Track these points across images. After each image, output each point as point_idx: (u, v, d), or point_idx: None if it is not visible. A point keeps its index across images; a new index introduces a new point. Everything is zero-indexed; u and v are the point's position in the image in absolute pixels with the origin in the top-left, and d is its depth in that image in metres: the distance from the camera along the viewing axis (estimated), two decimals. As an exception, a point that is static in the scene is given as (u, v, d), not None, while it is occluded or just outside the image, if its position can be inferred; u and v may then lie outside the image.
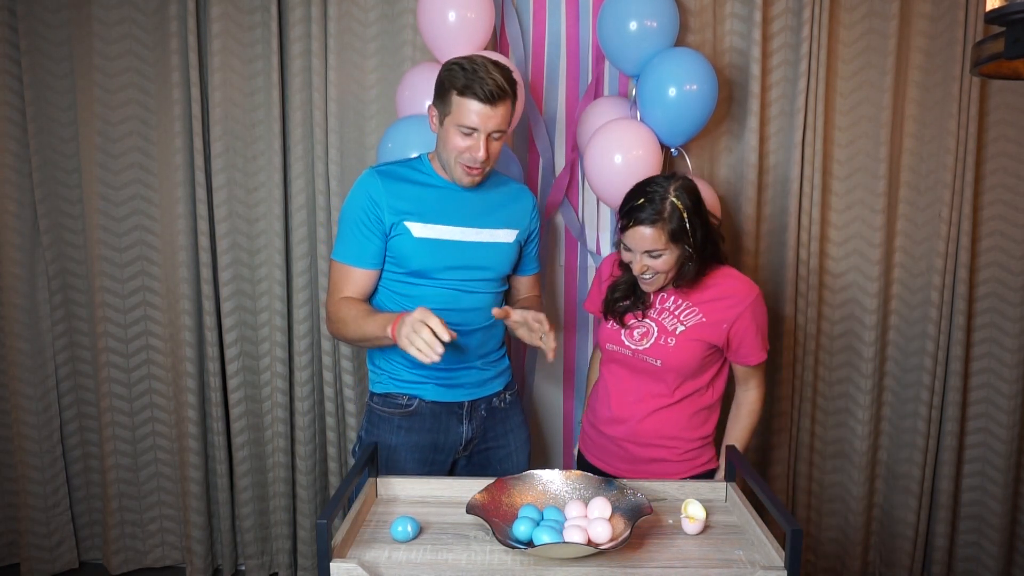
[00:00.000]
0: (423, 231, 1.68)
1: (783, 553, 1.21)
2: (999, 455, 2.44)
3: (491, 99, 1.58)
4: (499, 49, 2.32)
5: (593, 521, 1.29)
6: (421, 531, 1.36)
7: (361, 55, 2.34)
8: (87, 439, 2.61)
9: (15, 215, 2.44)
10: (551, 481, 1.45)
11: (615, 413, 1.74)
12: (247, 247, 2.46)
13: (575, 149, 2.32)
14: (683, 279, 1.65)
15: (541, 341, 1.61)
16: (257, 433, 2.55)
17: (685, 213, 1.57)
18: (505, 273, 1.82)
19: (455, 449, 1.80)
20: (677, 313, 1.68)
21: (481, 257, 1.74)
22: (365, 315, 1.65)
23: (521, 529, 1.28)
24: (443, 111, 1.64)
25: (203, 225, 2.40)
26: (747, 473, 1.40)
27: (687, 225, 1.57)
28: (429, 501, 1.50)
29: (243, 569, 2.65)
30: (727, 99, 2.32)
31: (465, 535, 1.36)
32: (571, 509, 1.35)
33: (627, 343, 1.71)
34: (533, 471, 1.46)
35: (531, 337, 1.63)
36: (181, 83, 2.34)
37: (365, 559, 1.25)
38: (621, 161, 1.98)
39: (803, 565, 2.55)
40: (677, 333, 1.66)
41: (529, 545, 1.26)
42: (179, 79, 2.34)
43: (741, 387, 1.77)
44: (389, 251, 1.70)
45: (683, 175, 1.66)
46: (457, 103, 1.60)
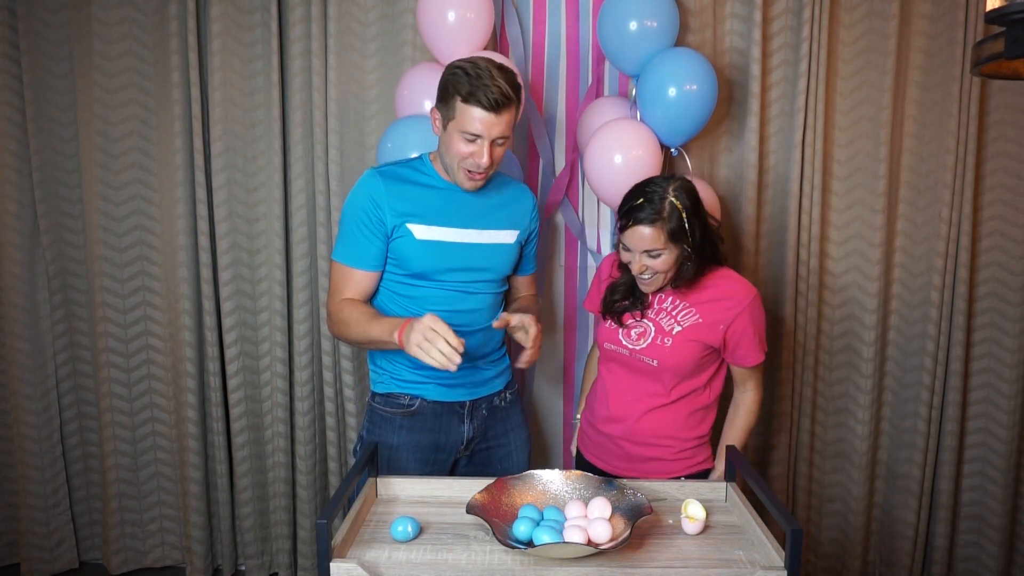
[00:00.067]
0: (425, 233, 1.67)
1: (783, 553, 1.21)
2: (999, 455, 2.44)
3: (495, 107, 1.56)
4: (499, 49, 2.32)
5: (593, 521, 1.29)
6: (421, 531, 1.36)
7: (361, 55, 2.34)
8: (87, 439, 2.61)
9: (15, 215, 2.44)
10: (551, 481, 1.45)
11: (612, 412, 1.75)
12: (247, 247, 2.46)
13: (575, 149, 2.32)
14: (681, 279, 1.65)
15: (527, 345, 1.63)
16: (257, 433, 2.55)
17: (684, 213, 1.58)
18: (506, 274, 1.82)
19: (456, 448, 1.80)
20: (674, 314, 1.69)
21: (483, 258, 1.74)
22: (369, 318, 1.65)
23: (521, 529, 1.28)
24: (446, 115, 1.62)
25: (203, 225, 2.40)
26: (747, 473, 1.40)
27: (686, 225, 1.58)
28: (429, 501, 1.50)
29: (243, 569, 2.65)
30: (727, 99, 2.32)
31: (465, 535, 1.36)
32: (571, 509, 1.35)
33: (625, 343, 1.72)
34: (533, 471, 1.46)
35: (527, 340, 1.63)
36: (181, 83, 2.34)
37: (365, 559, 1.25)
38: (621, 161, 1.98)
39: (803, 565, 2.55)
40: (674, 333, 1.67)
41: (529, 545, 1.26)
42: (179, 79, 2.34)
43: (739, 388, 1.77)
44: (391, 253, 1.70)
45: (682, 176, 1.67)
46: (461, 110, 1.58)
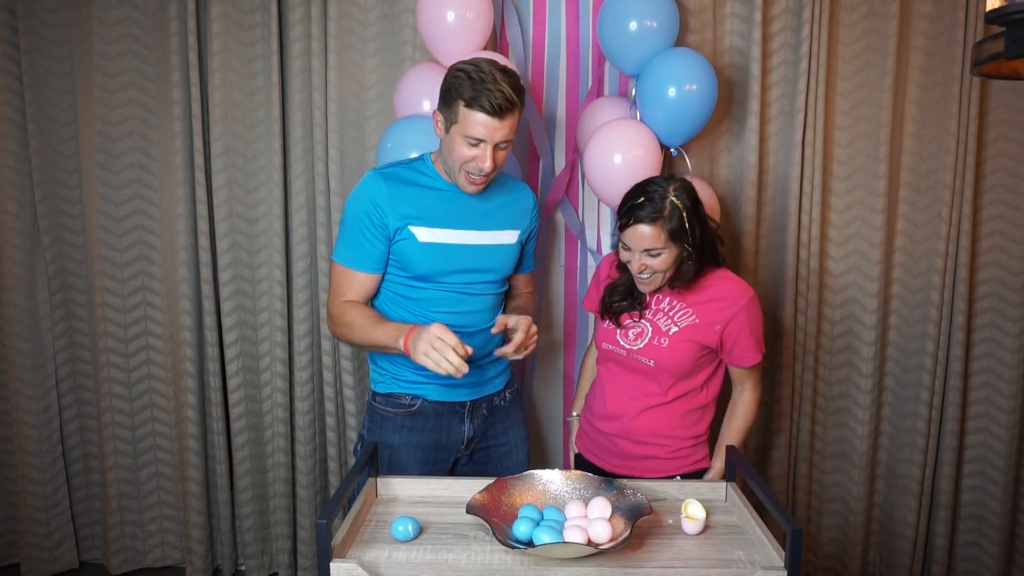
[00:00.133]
0: (428, 235, 1.67)
1: (783, 553, 1.21)
2: (999, 455, 2.44)
3: (499, 112, 1.55)
4: (499, 49, 2.32)
5: (593, 521, 1.29)
6: (421, 531, 1.36)
7: (361, 55, 2.34)
8: (87, 439, 2.61)
9: (15, 215, 2.44)
10: (551, 481, 1.45)
11: (610, 410, 1.77)
12: (247, 247, 2.46)
13: (575, 149, 2.31)
14: (680, 280, 1.65)
15: (517, 345, 1.61)
16: (257, 433, 2.55)
17: (685, 213, 1.58)
18: (507, 274, 1.82)
19: (457, 448, 1.81)
20: (672, 314, 1.69)
21: (485, 259, 1.74)
22: (373, 321, 1.65)
23: (521, 529, 1.28)
24: (449, 119, 1.61)
25: (203, 225, 2.40)
26: (747, 473, 1.40)
27: (686, 225, 1.58)
28: (429, 501, 1.50)
29: (243, 569, 2.65)
30: (727, 99, 2.32)
31: (465, 535, 1.36)
32: (571, 509, 1.35)
33: (622, 343, 1.73)
34: (533, 471, 1.46)
35: (520, 335, 1.63)
36: (181, 83, 2.34)
37: (365, 559, 1.25)
38: (621, 161, 1.98)
39: (803, 565, 2.55)
40: (671, 334, 1.67)
41: (529, 545, 1.26)
42: (179, 79, 2.34)
43: (736, 388, 1.78)
44: (393, 255, 1.69)
45: (681, 176, 1.67)
46: (464, 114, 1.57)
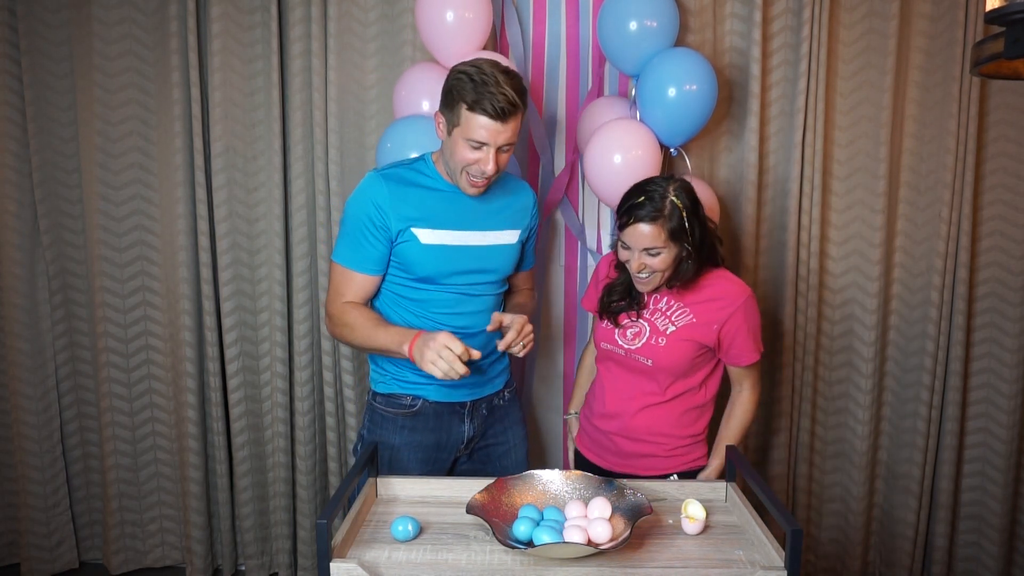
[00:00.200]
0: (431, 237, 1.66)
1: (783, 553, 1.21)
2: (999, 455, 2.44)
3: (502, 115, 1.54)
4: (499, 49, 2.32)
5: (593, 521, 1.29)
6: (421, 531, 1.36)
7: (361, 55, 2.34)
8: (87, 439, 2.61)
9: (15, 215, 2.44)
10: (551, 481, 1.45)
11: (609, 409, 1.78)
12: (247, 247, 2.46)
13: (575, 150, 2.31)
14: (679, 279, 1.66)
15: (508, 343, 1.61)
16: (257, 433, 2.55)
17: (684, 212, 1.59)
18: (508, 274, 1.82)
19: (457, 447, 1.81)
20: (669, 314, 1.70)
21: (486, 260, 1.74)
22: (375, 324, 1.65)
23: (521, 529, 1.29)
24: (451, 121, 1.60)
25: (203, 225, 2.40)
26: (747, 473, 1.40)
27: (686, 224, 1.59)
28: (429, 501, 1.50)
29: (243, 569, 2.65)
30: (727, 99, 2.32)
31: (465, 535, 1.36)
32: (571, 509, 1.35)
33: (620, 342, 1.74)
34: (533, 471, 1.46)
35: (513, 334, 1.63)
36: (181, 83, 2.34)
37: (365, 559, 1.25)
38: (620, 161, 1.98)
39: (803, 565, 2.55)
40: (668, 333, 1.68)
41: (529, 545, 1.27)
42: (179, 79, 2.34)
43: (735, 388, 1.79)
44: (396, 257, 1.69)
45: (681, 176, 1.68)
46: (466, 117, 1.56)
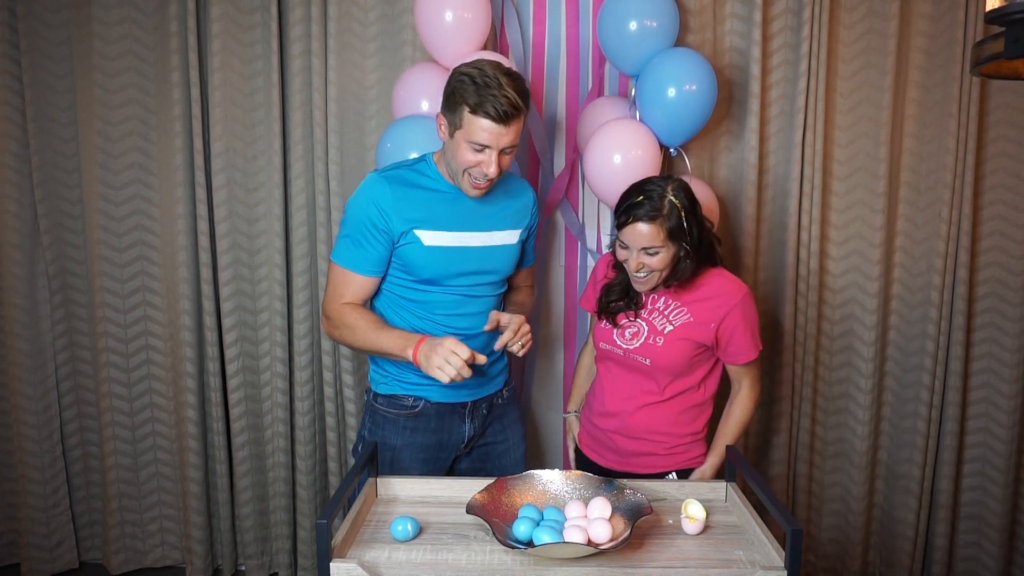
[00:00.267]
0: (434, 239, 1.66)
1: (783, 553, 1.21)
2: (999, 455, 2.44)
3: (504, 119, 1.53)
4: (499, 50, 2.32)
5: (593, 521, 1.29)
6: (421, 531, 1.36)
7: (361, 55, 2.34)
8: (87, 439, 2.61)
9: (15, 215, 2.44)
10: (551, 481, 1.45)
11: (608, 408, 1.79)
12: (247, 247, 2.46)
13: (575, 150, 2.31)
14: (677, 279, 1.67)
15: (504, 342, 1.63)
16: (257, 433, 2.55)
17: (683, 212, 1.60)
18: (509, 274, 1.82)
19: (458, 447, 1.81)
20: (667, 313, 1.71)
21: (488, 261, 1.74)
22: (376, 327, 1.65)
23: (521, 529, 1.29)
24: (453, 123, 1.59)
25: (203, 225, 2.40)
26: (747, 473, 1.40)
27: (684, 224, 1.60)
28: (429, 501, 1.50)
29: (243, 569, 2.65)
30: (727, 99, 2.31)
31: (465, 535, 1.36)
32: (571, 509, 1.35)
33: (619, 342, 1.75)
34: (533, 471, 1.46)
35: (510, 334, 1.64)
36: (181, 83, 2.34)
37: (365, 559, 1.25)
38: (620, 161, 1.98)
39: (803, 565, 2.55)
40: (665, 333, 1.69)
41: (529, 545, 1.27)
42: (179, 79, 2.34)
43: (734, 386, 1.80)
44: (398, 259, 1.68)
45: (678, 176, 1.68)
46: (468, 120, 1.55)
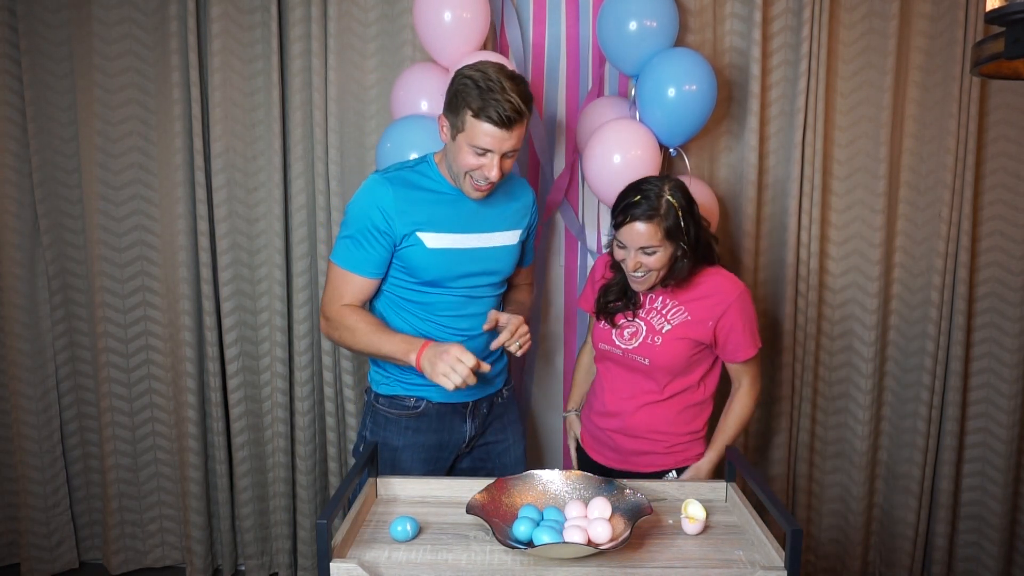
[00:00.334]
0: (436, 241, 1.66)
1: (783, 553, 1.21)
2: (999, 455, 2.44)
3: (507, 123, 1.53)
4: (498, 50, 2.32)
5: (593, 521, 1.29)
6: (421, 531, 1.36)
7: (361, 55, 2.34)
8: (87, 439, 2.61)
9: (15, 215, 2.44)
10: (551, 481, 1.45)
11: (608, 408, 1.80)
12: (247, 247, 2.46)
13: (575, 150, 2.31)
14: (674, 278, 1.67)
15: (501, 342, 1.65)
16: (257, 433, 2.55)
17: (680, 211, 1.61)
18: (510, 274, 1.83)
19: (459, 447, 1.82)
20: (665, 313, 1.72)
21: (489, 262, 1.74)
22: (378, 330, 1.64)
23: (521, 529, 1.29)
24: (455, 126, 1.58)
25: (203, 225, 2.40)
26: (747, 473, 1.40)
27: (681, 223, 1.61)
28: (429, 501, 1.50)
29: (243, 569, 2.65)
30: (727, 99, 2.31)
31: (465, 535, 1.36)
32: (571, 509, 1.35)
33: (618, 343, 1.75)
34: (533, 471, 1.46)
35: (507, 334, 1.65)
36: (181, 83, 2.34)
37: (365, 559, 1.25)
38: (620, 161, 1.98)
39: (803, 565, 2.55)
40: (664, 332, 1.70)
41: (529, 545, 1.27)
42: (179, 79, 2.34)
43: (734, 384, 1.80)
44: (400, 261, 1.68)
45: (675, 176, 1.69)
46: (471, 124, 1.54)
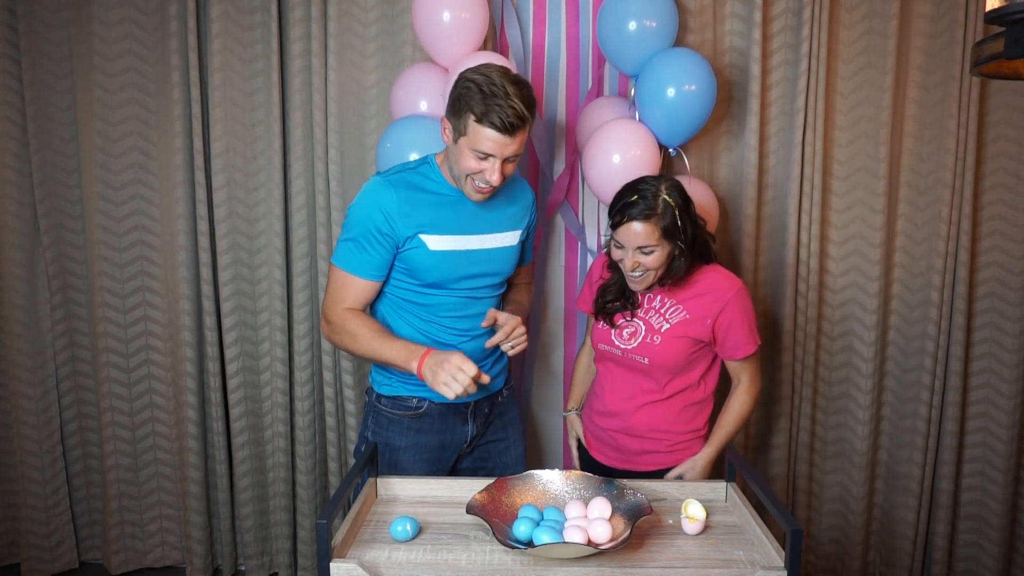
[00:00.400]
0: (439, 243, 1.66)
1: (783, 553, 1.21)
2: (999, 455, 2.44)
3: (510, 129, 1.52)
4: (498, 50, 2.32)
5: (593, 521, 1.29)
6: (421, 531, 1.36)
7: (361, 55, 2.34)
8: (87, 439, 2.61)
9: (15, 215, 2.44)
10: (551, 481, 1.45)
11: (609, 408, 1.80)
12: (247, 247, 2.46)
13: (575, 151, 2.31)
14: (671, 277, 1.68)
15: (496, 341, 1.65)
16: (257, 433, 2.55)
17: (677, 210, 1.62)
18: (510, 274, 1.83)
19: (460, 447, 1.82)
20: (663, 312, 1.72)
21: (491, 263, 1.74)
22: (379, 336, 1.64)
23: (521, 529, 1.29)
24: (457, 129, 1.58)
25: (203, 225, 2.40)
26: (747, 473, 1.40)
27: (678, 222, 1.62)
28: (429, 501, 1.50)
29: (243, 569, 2.65)
30: (727, 99, 2.31)
31: (465, 535, 1.36)
32: (571, 509, 1.35)
33: (617, 343, 1.75)
34: (533, 471, 1.46)
35: (502, 335, 1.66)
36: (181, 83, 2.34)
37: (365, 559, 1.25)
38: (619, 161, 1.98)
39: (803, 565, 2.55)
40: (663, 331, 1.70)
41: (529, 545, 1.27)
42: (179, 79, 2.34)
43: (734, 382, 1.81)
44: (403, 263, 1.68)
45: (671, 176, 1.69)
46: (474, 128, 1.54)
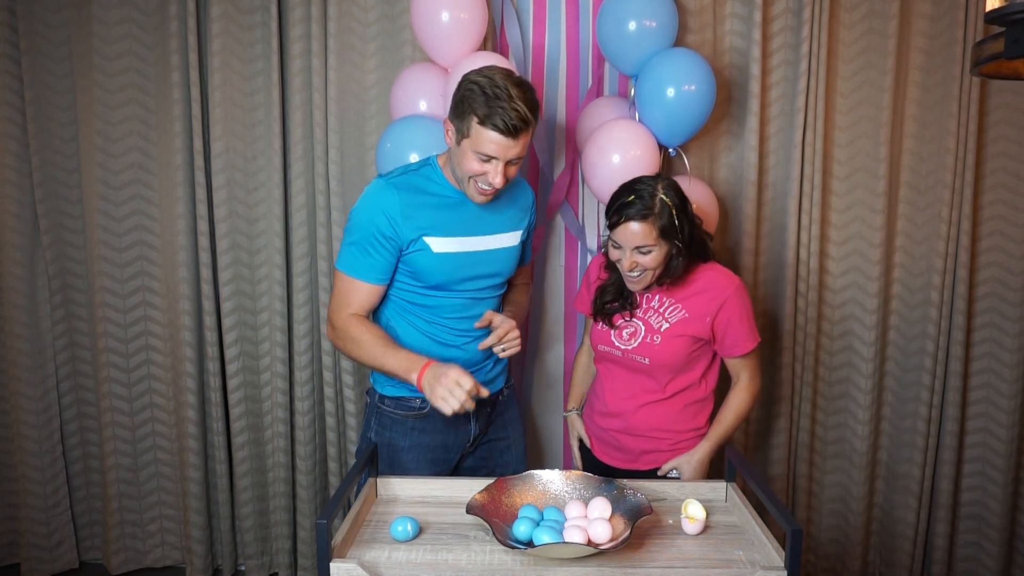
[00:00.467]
0: (442, 246, 1.66)
1: (783, 553, 1.21)
2: (999, 455, 2.44)
3: (513, 132, 1.53)
4: (498, 50, 2.32)
5: (593, 521, 1.29)
6: (421, 531, 1.36)
7: (361, 55, 2.34)
8: (87, 439, 2.61)
9: (15, 215, 2.44)
10: (551, 481, 1.45)
11: (610, 408, 1.80)
12: (247, 247, 2.46)
13: (575, 151, 2.31)
14: (670, 276, 1.68)
15: (489, 343, 1.66)
16: (257, 433, 2.55)
17: (674, 210, 1.62)
18: (511, 275, 1.83)
19: (464, 446, 1.82)
20: (662, 311, 1.73)
21: (493, 264, 1.75)
22: (383, 345, 1.63)
23: (521, 529, 1.29)
24: (460, 131, 1.58)
25: (203, 225, 2.40)
26: (747, 473, 1.40)
27: (675, 222, 1.62)
28: (429, 501, 1.50)
29: (243, 569, 2.65)
30: (727, 99, 2.31)
31: (465, 535, 1.36)
32: (571, 509, 1.35)
33: (616, 343, 1.76)
34: (533, 471, 1.46)
35: (495, 337, 1.67)
36: (181, 83, 2.34)
37: (365, 559, 1.25)
38: (619, 161, 1.98)
39: (803, 565, 2.55)
40: (662, 331, 1.70)
41: (529, 545, 1.27)
42: (179, 79, 2.34)
43: (733, 380, 1.81)
44: (407, 266, 1.68)
45: (667, 176, 1.70)
46: (477, 131, 1.54)
